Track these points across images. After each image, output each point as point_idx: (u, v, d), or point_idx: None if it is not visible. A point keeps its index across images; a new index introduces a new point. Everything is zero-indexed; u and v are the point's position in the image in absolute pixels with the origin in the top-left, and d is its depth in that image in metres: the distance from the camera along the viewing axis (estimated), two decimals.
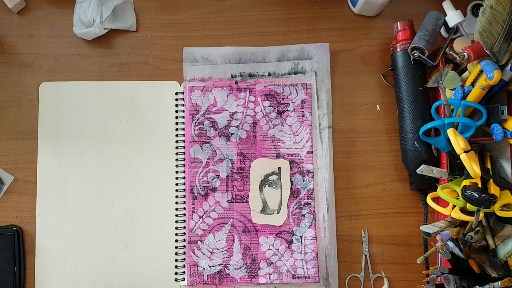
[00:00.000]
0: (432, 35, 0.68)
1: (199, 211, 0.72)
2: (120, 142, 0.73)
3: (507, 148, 0.68)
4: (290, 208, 0.72)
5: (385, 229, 0.72)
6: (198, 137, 0.73)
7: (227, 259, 0.71)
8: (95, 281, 0.71)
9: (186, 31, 0.76)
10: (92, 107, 0.73)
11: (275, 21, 0.76)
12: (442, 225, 0.66)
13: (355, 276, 0.72)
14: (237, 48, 0.75)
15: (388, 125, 0.74)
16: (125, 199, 0.72)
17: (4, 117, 0.74)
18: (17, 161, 0.73)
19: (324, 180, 0.73)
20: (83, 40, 0.75)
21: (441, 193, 0.64)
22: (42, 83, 0.74)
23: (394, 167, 0.73)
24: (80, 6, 0.74)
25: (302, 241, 0.71)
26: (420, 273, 0.70)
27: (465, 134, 0.65)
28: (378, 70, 0.75)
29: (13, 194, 0.72)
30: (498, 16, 0.58)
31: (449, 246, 0.61)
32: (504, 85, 0.64)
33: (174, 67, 0.75)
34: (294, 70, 0.74)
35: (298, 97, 0.74)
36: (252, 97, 0.74)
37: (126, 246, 0.71)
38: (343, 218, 0.73)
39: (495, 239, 0.64)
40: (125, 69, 0.75)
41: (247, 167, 0.73)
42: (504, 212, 0.62)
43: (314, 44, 0.75)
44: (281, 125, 0.73)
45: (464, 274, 0.62)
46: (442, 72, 0.66)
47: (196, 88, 0.74)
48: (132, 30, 0.75)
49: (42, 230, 0.72)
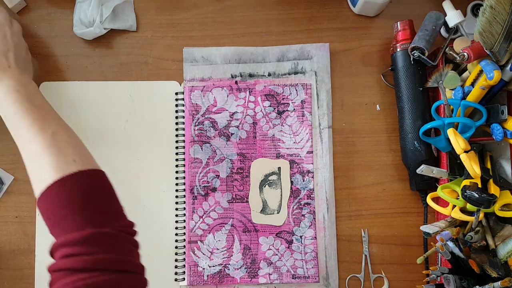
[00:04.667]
0: (432, 35, 0.68)
1: (199, 211, 0.72)
2: (120, 142, 0.73)
3: (507, 148, 0.68)
4: (290, 208, 0.72)
5: (385, 229, 0.72)
6: (198, 137, 0.73)
7: (227, 259, 0.71)
8: None
9: (186, 31, 0.76)
10: (92, 107, 0.73)
11: (275, 21, 0.76)
12: (442, 225, 0.66)
13: (355, 276, 0.72)
14: (237, 48, 0.75)
15: (388, 125, 0.74)
16: (125, 199, 0.72)
17: None
18: (17, 161, 0.73)
19: (324, 180, 0.73)
20: (83, 40, 0.75)
21: (441, 193, 0.64)
22: (42, 83, 0.74)
23: (394, 167, 0.73)
24: (80, 6, 0.74)
25: (302, 241, 0.71)
26: (420, 273, 0.70)
27: (465, 134, 0.65)
28: (378, 70, 0.75)
29: (13, 194, 0.72)
30: (498, 16, 0.58)
31: (449, 246, 0.61)
32: (504, 85, 0.64)
33: (174, 67, 0.75)
34: (294, 70, 0.74)
35: (298, 97, 0.74)
36: (252, 97, 0.74)
37: None
38: (343, 218, 0.73)
39: (495, 239, 0.64)
40: (125, 69, 0.75)
41: (247, 167, 0.73)
42: (504, 212, 0.62)
43: (314, 44, 0.75)
44: (281, 125, 0.73)
45: (464, 274, 0.62)
46: (442, 72, 0.66)
47: (196, 88, 0.74)
48: (132, 30, 0.75)
49: (42, 230, 0.72)
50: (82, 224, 0.47)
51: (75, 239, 0.46)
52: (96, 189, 0.51)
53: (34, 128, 0.53)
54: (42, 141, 0.52)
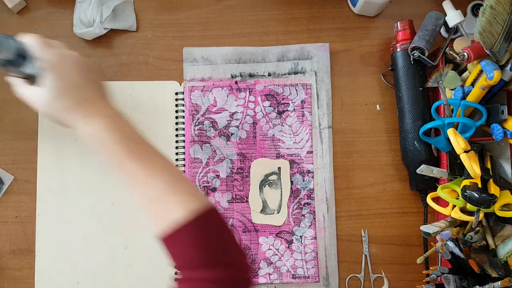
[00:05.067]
0: (432, 35, 0.68)
1: None
2: None
3: (507, 148, 0.68)
4: (290, 208, 0.72)
5: (385, 229, 0.72)
6: (198, 137, 0.73)
7: None
8: (95, 281, 0.71)
9: (186, 31, 0.76)
10: None
11: (275, 21, 0.76)
12: (442, 225, 0.66)
13: (355, 276, 0.72)
14: (237, 48, 0.75)
15: (388, 125, 0.74)
16: (125, 199, 0.72)
17: (4, 117, 0.74)
18: (17, 161, 0.73)
19: (324, 180, 0.73)
20: (83, 40, 0.75)
21: (441, 193, 0.64)
22: None
23: (394, 167, 0.73)
24: (80, 6, 0.74)
25: (302, 241, 0.71)
26: (420, 273, 0.70)
27: (465, 134, 0.65)
28: (378, 70, 0.75)
29: (13, 194, 0.72)
30: (498, 16, 0.58)
31: (449, 246, 0.61)
32: (504, 85, 0.64)
33: (174, 67, 0.75)
34: (294, 70, 0.74)
35: (298, 97, 0.74)
36: (252, 97, 0.74)
37: (126, 246, 0.71)
38: (343, 218, 0.73)
39: (495, 239, 0.64)
40: (125, 69, 0.75)
41: (247, 167, 0.73)
42: (504, 212, 0.62)
43: (314, 44, 0.75)
44: (281, 125, 0.73)
45: (464, 274, 0.62)
46: (442, 72, 0.66)
47: (196, 88, 0.74)
48: (132, 30, 0.75)
49: (42, 230, 0.72)
50: (211, 262, 0.47)
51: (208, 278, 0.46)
52: (219, 224, 0.51)
53: (146, 167, 0.51)
54: (160, 181, 0.51)
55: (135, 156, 0.52)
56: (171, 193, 0.50)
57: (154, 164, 0.52)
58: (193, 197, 0.50)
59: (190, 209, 0.48)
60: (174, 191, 0.50)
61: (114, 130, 0.53)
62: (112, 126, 0.53)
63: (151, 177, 0.51)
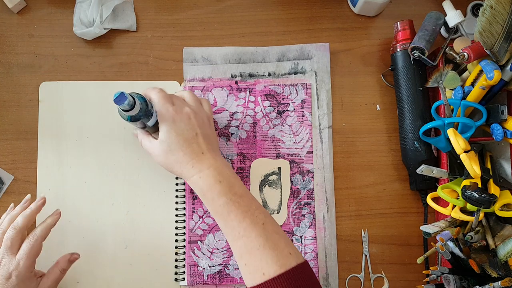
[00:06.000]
0: (432, 35, 0.68)
1: (199, 211, 0.72)
2: (120, 142, 0.73)
3: (507, 148, 0.68)
4: (290, 208, 0.72)
5: (385, 229, 0.72)
6: None
7: (227, 259, 0.71)
8: (95, 280, 0.71)
9: (186, 31, 0.76)
10: (92, 107, 0.73)
11: (275, 21, 0.76)
12: (442, 225, 0.66)
13: (355, 276, 0.72)
14: (237, 48, 0.75)
15: (388, 125, 0.74)
16: (125, 199, 0.72)
17: (4, 117, 0.74)
18: (17, 161, 0.73)
19: (324, 180, 0.73)
20: (83, 40, 0.75)
21: (441, 193, 0.64)
22: (42, 83, 0.74)
23: (394, 167, 0.73)
24: (80, 6, 0.74)
25: (302, 241, 0.71)
26: (420, 273, 0.70)
27: (465, 134, 0.65)
28: (378, 70, 0.75)
29: (13, 194, 0.72)
30: (498, 16, 0.58)
31: (449, 246, 0.61)
32: (504, 85, 0.64)
33: (174, 67, 0.75)
34: (294, 70, 0.74)
35: (298, 97, 0.74)
36: (252, 97, 0.74)
37: (126, 246, 0.71)
38: (343, 218, 0.73)
39: (495, 239, 0.64)
40: (125, 69, 0.75)
41: (247, 167, 0.73)
42: (504, 212, 0.62)
43: (314, 44, 0.75)
44: (281, 125, 0.73)
45: (464, 274, 0.62)
46: (442, 72, 0.66)
47: (196, 88, 0.74)
48: (132, 30, 0.75)
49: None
50: None
51: None
52: (311, 280, 0.54)
53: (246, 221, 0.56)
54: (258, 235, 0.55)
55: (238, 210, 0.57)
56: (268, 248, 0.54)
57: (256, 219, 0.56)
58: (288, 253, 0.55)
59: (284, 264, 0.53)
60: (270, 247, 0.55)
61: (221, 183, 0.58)
62: (219, 179, 0.58)
63: (249, 231, 0.56)
